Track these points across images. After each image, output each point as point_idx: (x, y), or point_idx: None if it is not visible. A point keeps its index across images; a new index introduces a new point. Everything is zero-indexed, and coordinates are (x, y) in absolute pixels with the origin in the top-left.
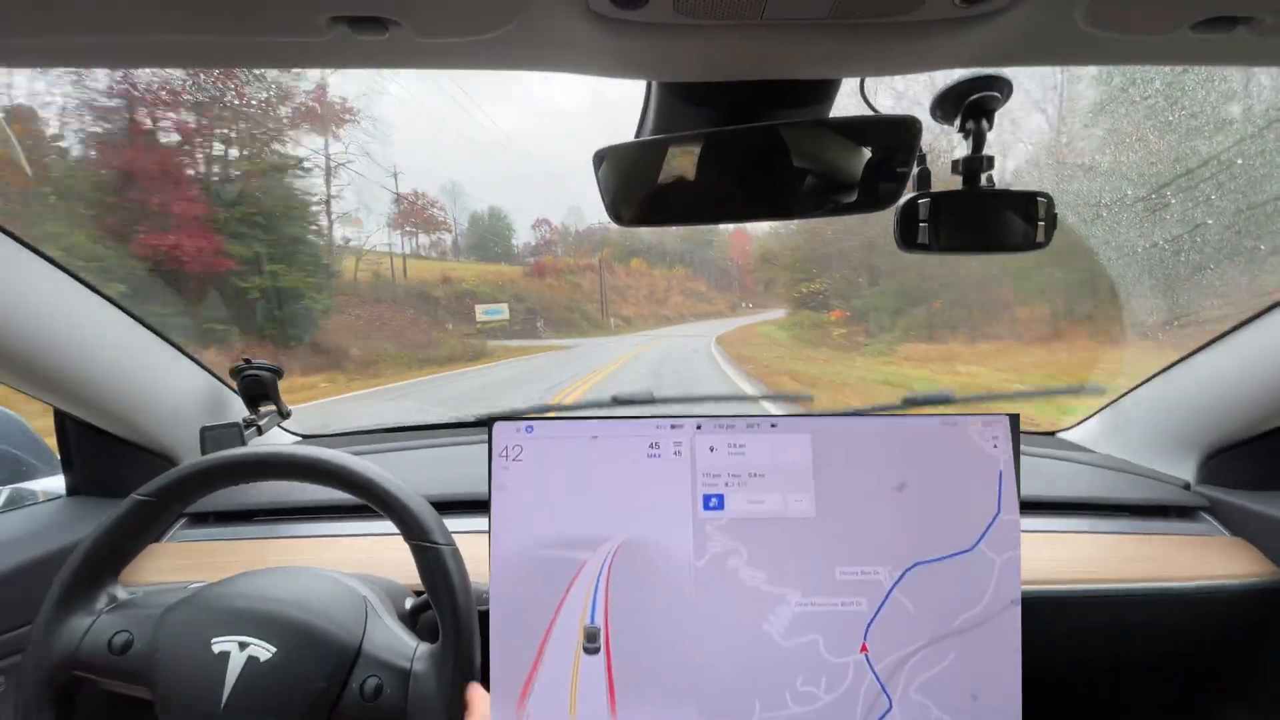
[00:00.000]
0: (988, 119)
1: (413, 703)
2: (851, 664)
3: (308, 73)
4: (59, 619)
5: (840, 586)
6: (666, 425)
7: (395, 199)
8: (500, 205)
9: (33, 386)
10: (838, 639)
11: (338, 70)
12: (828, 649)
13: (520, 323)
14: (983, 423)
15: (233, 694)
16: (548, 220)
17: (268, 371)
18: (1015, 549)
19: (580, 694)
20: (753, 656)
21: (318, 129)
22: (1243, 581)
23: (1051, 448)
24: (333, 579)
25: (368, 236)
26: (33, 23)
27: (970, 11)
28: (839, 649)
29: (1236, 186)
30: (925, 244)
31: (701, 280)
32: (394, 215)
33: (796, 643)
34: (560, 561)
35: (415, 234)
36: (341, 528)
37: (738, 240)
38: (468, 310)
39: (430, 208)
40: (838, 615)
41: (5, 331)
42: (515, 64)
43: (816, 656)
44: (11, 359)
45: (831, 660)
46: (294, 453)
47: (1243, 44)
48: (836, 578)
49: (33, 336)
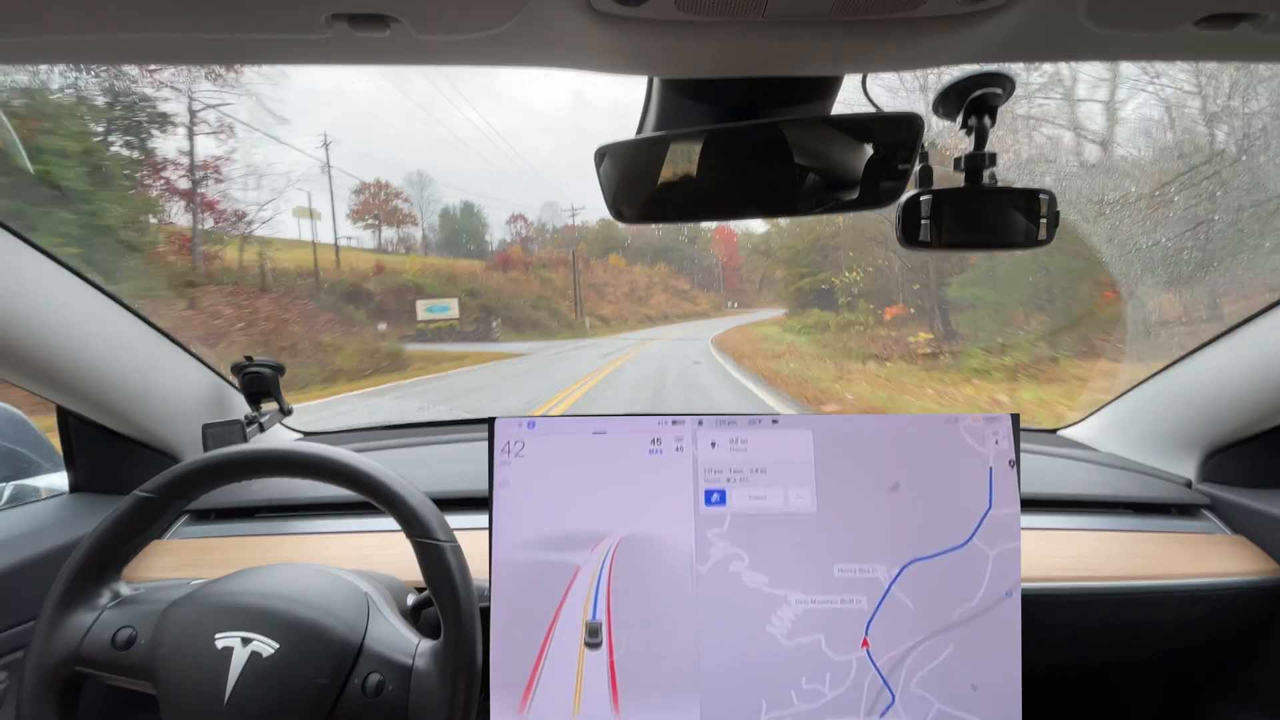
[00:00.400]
0: (990, 115)
1: (414, 699)
2: (854, 660)
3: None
4: (62, 615)
5: (840, 584)
6: (668, 422)
7: (325, 169)
8: (474, 200)
9: (36, 383)
10: (839, 637)
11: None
12: (830, 647)
13: (473, 322)
14: (984, 420)
15: (235, 689)
16: (523, 216)
17: (269, 369)
18: (1011, 542)
19: (584, 689)
20: (758, 658)
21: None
22: (1244, 579)
23: (1053, 445)
24: (335, 575)
25: (266, 220)
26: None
27: (972, 8)
28: (841, 646)
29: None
30: (927, 241)
31: (685, 278)
32: (350, 204)
33: (800, 642)
34: (562, 557)
35: (378, 226)
36: (344, 524)
37: (723, 236)
38: (408, 308)
39: (395, 199)
40: (839, 613)
41: (8, 329)
42: (516, 61)
43: (820, 655)
44: (15, 356)
45: (834, 658)
46: (296, 450)
47: (1246, 40)
48: (835, 575)
49: (36, 334)
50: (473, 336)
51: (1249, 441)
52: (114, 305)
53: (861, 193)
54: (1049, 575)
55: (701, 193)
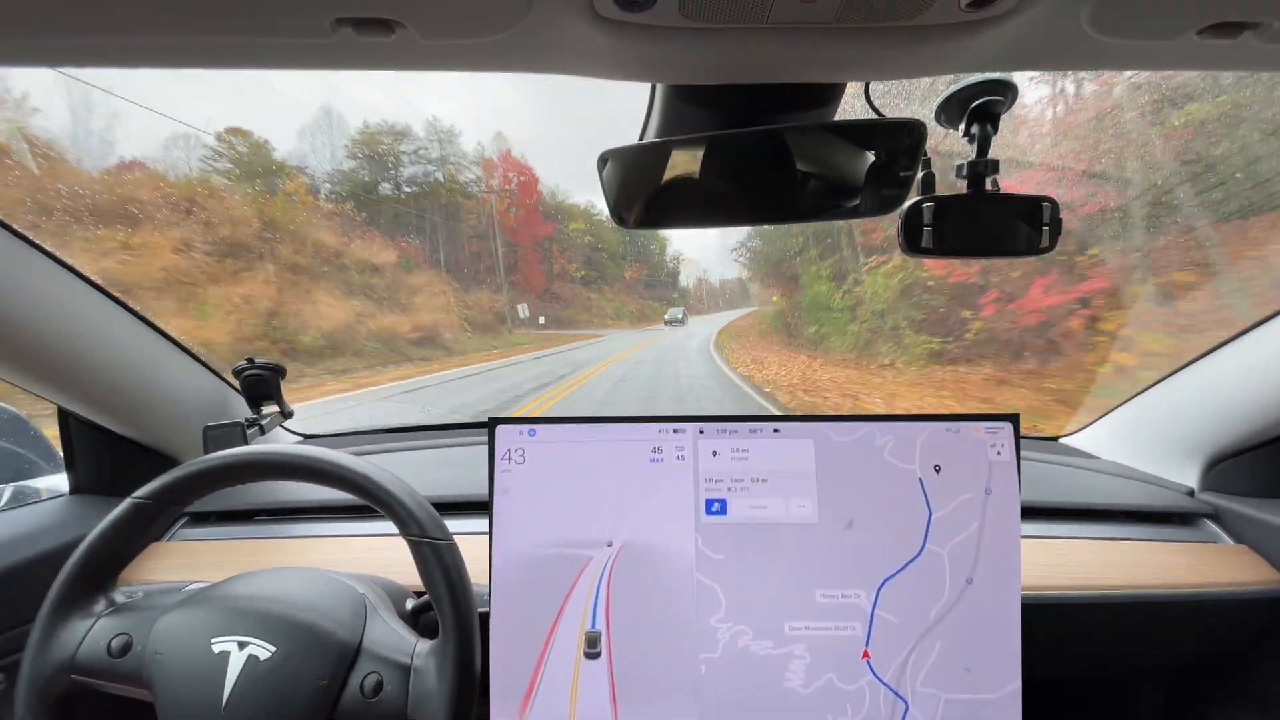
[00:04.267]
0: (992, 123)
1: (414, 698)
2: (865, 685)
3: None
4: (56, 624)
5: (827, 612)
6: (669, 429)
7: None
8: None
9: (37, 384)
10: (845, 669)
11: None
12: (841, 680)
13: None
14: (985, 429)
15: (233, 693)
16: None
17: (270, 370)
18: (963, 532)
19: (581, 699)
20: (783, 713)
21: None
22: (1246, 589)
23: (1055, 453)
24: (331, 578)
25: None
26: (36, 23)
27: (976, 16)
28: (849, 677)
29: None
30: (929, 248)
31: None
32: None
33: (816, 687)
34: (561, 566)
35: None
36: (343, 528)
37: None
38: None
39: None
40: (839, 646)
41: (10, 330)
42: (519, 66)
43: (835, 691)
44: (16, 357)
45: (848, 689)
46: (290, 452)
47: (1249, 50)
48: (818, 601)
49: (38, 335)
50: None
51: (1252, 450)
52: (116, 307)
53: (863, 199)
54: (1051, 584)
55: (703, 199)
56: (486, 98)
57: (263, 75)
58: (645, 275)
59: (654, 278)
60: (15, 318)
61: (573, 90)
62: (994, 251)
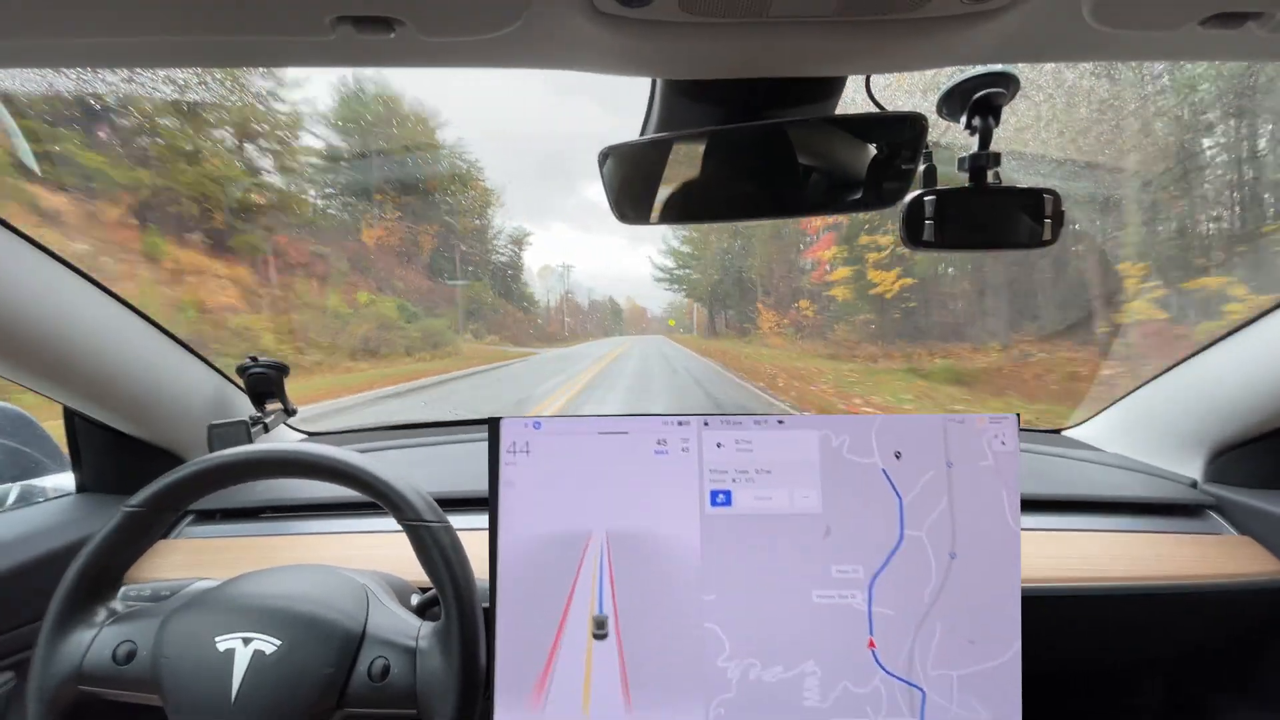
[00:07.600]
0: (994, 116)
1: (421, 678)
2: (879, 684)
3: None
4: (60, 638)
5: (827, 617)
6: (674, 422)
7: None
8: None
9: (42, 384)
10: (856, 675)
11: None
12: (855, 685)
13: None
14: (989, 420)
15: (242, 688)
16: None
17: (273, 369)
18: (936, 509)
19: (594, 684)
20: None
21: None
22: (1249, 580)
23: (1058, 446)
24: (332, 571)
25: None
26: (36, 23)
27: (977, 8)
28: (862, 680)
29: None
30: (931, 241)
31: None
32: None
33: (834, 698)
34: (566, 553)
35: None
36: (348, 524)
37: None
38: None
39: None
40: (846, 653)
41: (15, 330)
42: (521, 63)
43: (852, 697)
44: (22, 357)
45: (863, 692)
46: (282, 450)
47: (1252, 39)
48: (815, 602)
49: (42, 335)
50: None
51: (1255, 442)
52: (120, 306)
53: (865, 193)
54: (1054, 576)
55: (705, 194)
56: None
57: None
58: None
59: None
60: (20, 317)
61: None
62: (996, 244)
